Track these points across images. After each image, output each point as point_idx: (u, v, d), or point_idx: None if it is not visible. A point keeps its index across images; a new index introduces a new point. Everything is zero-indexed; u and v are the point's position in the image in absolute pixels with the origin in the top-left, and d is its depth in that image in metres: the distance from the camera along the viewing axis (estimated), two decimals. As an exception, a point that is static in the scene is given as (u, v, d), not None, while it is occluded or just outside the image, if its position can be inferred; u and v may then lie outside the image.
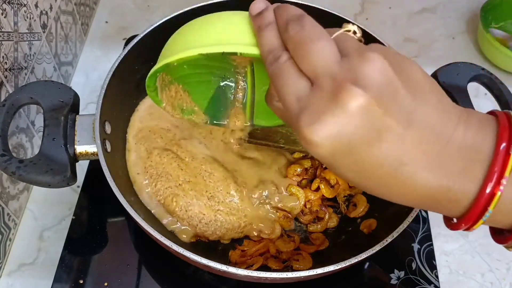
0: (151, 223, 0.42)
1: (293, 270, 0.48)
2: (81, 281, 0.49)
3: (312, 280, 0.43)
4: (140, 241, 0.53)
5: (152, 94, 0.40)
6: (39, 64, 0.59)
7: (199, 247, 0.50)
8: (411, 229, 0.55)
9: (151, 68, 0.36)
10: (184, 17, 0.55)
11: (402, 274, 0.52)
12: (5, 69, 0.50)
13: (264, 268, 0.48)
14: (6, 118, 0.44)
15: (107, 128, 0.48)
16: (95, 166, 0.51)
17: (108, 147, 0.47)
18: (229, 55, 0.37)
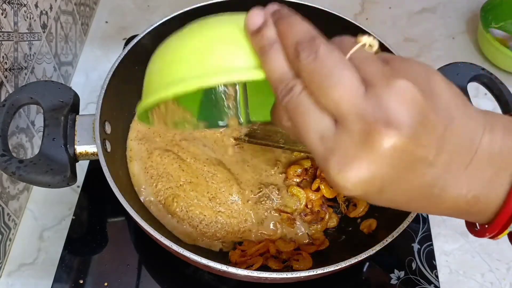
0: (151, 223, 0.42)
1: (293, 270, 0.48)
2: (81, 281, 0.49)
3: (312, 280, 0.43)
4: (140, 241, 0.53)
5: (143, 120, 0.37)
6: (39, 64, 0.59)
7: (199, 247, 0.50)
8: (411, 229, 0.55)
9: None
10: (184, 17, 0.55)
11: (402, 274, 0.52)
12: (5, 69, 0.50)
13: (264, 268, 0.48)
14: (6, 118, 0.44)
15: (107, 128, 0.48)
16: (95, 166, 0.51)
17: (108, 147, 0.47)
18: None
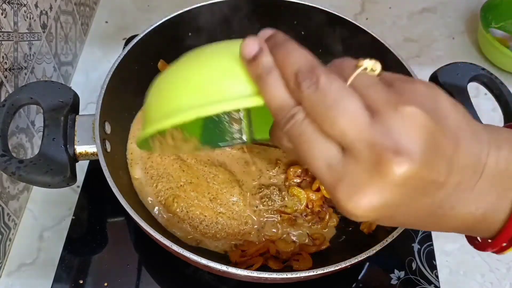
0: (151, 223, 0.42)
1: (293, 270, 0.48)
2: (81, 281, 0.49)
3: (312, 280, 0.43)
4: (140, 241, 0.53)
5: (143, 148, 0.37)
6: (39, 64, 0.59)
7: (199, 247, 0.50)
8: (411, 229, 0.55)
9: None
10: (184, 17, 0.55)
11: (402, 274, 0.52)
12: (5, 69, 0.50)
13: (264, 268, 0.48)
14: (6, 118, 0.44)
15: (107, 128, 0.48)
16: (95, 166, 0.51)
17: (108, 147, 0.47)
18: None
